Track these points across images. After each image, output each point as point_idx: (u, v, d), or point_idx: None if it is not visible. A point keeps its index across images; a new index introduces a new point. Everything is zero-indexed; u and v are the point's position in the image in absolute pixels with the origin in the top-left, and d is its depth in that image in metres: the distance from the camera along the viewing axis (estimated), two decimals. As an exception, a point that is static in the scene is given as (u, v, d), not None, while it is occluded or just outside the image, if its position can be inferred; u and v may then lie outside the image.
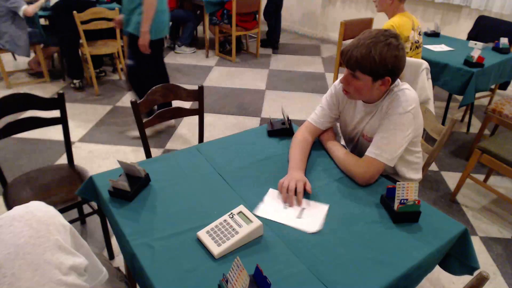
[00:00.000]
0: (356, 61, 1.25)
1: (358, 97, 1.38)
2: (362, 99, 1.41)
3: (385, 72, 1.26)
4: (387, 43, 1.23)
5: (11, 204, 1.59)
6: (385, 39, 1.23)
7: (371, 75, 1.27)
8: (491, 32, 3.43)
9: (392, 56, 1.23)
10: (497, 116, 2.68)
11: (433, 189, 2.55)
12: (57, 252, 0.66)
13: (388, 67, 1.25)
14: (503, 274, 1.92)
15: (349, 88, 1.34)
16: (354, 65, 1.26)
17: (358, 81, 1.29)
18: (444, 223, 1.18)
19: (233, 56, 4.75)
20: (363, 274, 0.98)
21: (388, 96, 1.36)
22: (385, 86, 1.31)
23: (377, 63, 1.23)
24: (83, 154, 2.78)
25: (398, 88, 1.36)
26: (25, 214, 0.67)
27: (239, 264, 0.86)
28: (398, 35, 1.26)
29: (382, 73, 1.26)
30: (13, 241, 0.63)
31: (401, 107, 1.31)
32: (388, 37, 1.24)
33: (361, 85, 1.30)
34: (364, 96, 1.37)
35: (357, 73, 1.28)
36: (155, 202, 1.22)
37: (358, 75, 1.28)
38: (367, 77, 1.27)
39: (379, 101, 1.39)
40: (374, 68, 1.24)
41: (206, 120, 3.25)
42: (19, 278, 0.61)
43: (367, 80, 1.28)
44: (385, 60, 1.23)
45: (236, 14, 4.42)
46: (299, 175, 1.30)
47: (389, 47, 1.23)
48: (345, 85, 1.35)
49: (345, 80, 1.34)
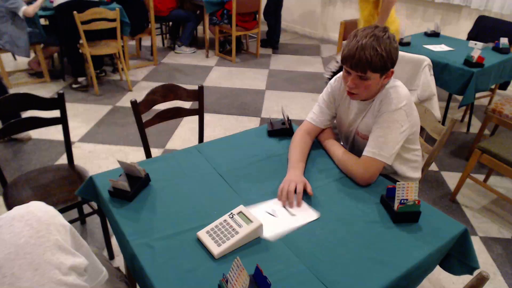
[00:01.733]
0: (367, 62, 1.25)
1: (366, 95, 1.38)
2: (368, 96, 1.40)
3: (391, 65, 1.30)
4: (387, 37, 1.26)
5: (11, 204, 1.59)
6: (383, 34, 1.26)
7: (380, 71, 1.28)
8: (491, 32, 3.43)
9: (394, 48, 1.28)
10: (497, 116, 2.68)
11: (433, 189, 2.55)
12: (57, 252, 0.66)
13: (393, 60, 1.29)
14: (503, 274, 1.92)
15: (358, 90, 1.34)
16: (365, 67, 1.26)
17: (368, 81, 1.30)
18: (444, 223, 1.18)
19: (233, 56, 4.75)
20: (363, 274, 0.98)
21: (380, 94, 1.38)
22: (388, 78, 1.34)
23: (385, 58, 1.26)
24: (83, 154, 2.78)
25: (390, 85, 1.37)
26: (25, 214, 0.68)
27: (239, 264, 0.86)
28: (387, 28, 1.29)
29: (389, 67, 1.29)
30: (13, 241, 0.63)
31: (393, 104, 1.32)
32: (383, 31, 1.27)
33: (370, 84, 1.31)
34: (372, 94, 1.38)
35: (368, 74, 1.28)
36: (155, 202, 1.22)
37: (369, 76, 1.28)
38: (376, 75, 1.29)
39: (371, 99, 1.40)
40: (384, 64, 1.27)
41: (206, 120, 3.25)
42: (19, 278, 0.61)
43: (376, 77, 1.30)
44: (391, 53, 1.27)
45: (236, 14, 4.42)
46: (298, 176, 1.30)
47: (389, 41, 1.27)
48: (353, 88, 1.34)
49: (353, 84, 1.32)
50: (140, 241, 1.06)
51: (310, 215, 1.19)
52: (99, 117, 3.32)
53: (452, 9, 4.40)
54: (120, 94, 3.77)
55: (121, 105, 3.55)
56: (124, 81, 4.07)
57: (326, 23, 5.90)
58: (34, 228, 0.65)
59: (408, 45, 3.12)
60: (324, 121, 1.55)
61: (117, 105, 3.55)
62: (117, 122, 3.25)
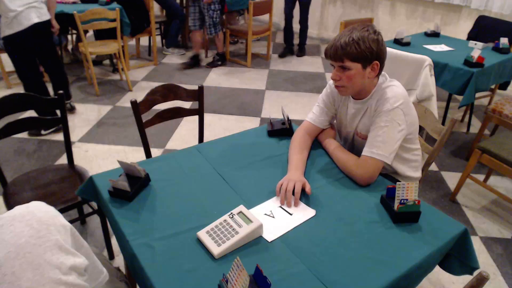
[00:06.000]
0: (341, 48, 1.28)
1: (352, 88, 1.37)
2: (356, 90, 1.39)
3: (372, 55, 1.29)
4: (365, 30, 1.29)
5: (11, 204, 1.59)
6: (362, 27, 1.30)
7: (359, 61, 1.29)
8: (491, 32, 3.43)
9: (373, 39, 1.29)
10: (497, 116, 2.68)
11: (433, 189, 2.55)
12: (58, 252, 0.66)
13: (374, 51, 1.29)
14: (503, 274, 1.92)
15: (342, 82, 1.35)
16: (340, 55, 1.29)
17: (349, 71, 1.31)
18: (444, 223, 1.18)
19: (249, 60, 4.64)
20: (363, 274, 0.98)
21: (376, 93, 1.38)
22: (374, 72, 1.34)
23: (362, 47, 1.27)
24: (83, 154, 2.78)
25: (386, 85, 1.38)
26: (26, 214, 0.68)
27: (239, 264, 0.86)
28: (373, 25, 1.33)
29: (369, 58, 1.30)
30: (14, 241, 0.63)
31: (389, 103, 1.33)
32: (365, 26, 1.30)
33: (352, 75, 1.32)
34: (358, 86, 1.37)
35: (346, 63, 1.29)
36: (155, 202, 1.22)
37: (347, 65, 1.30)
38: (357, 64, 1.30)
39: (368, 98, 1.41)
40: (360, 52, 1.28)
41: (206, 120, 3.25)
42: (19, 277, 0.61)
43: (357, 67, 1.30)
44: (368, 42, 1.28)
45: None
46: (298, 176, 1.30)
47: (368, 32, 1.29)
48: (336, 80, 1.35)
49: (335, 75, 1.35)
50: (140, 241, 1.06)
51: (307, 213, 1.19)
52: (99, 117, 3.32)
53: (452, 9, 4.41)
54: (120, 94, 3.77)
55: (121, 105, 3.55)
56: (124, 81, 4.06)
57: (326, 23, 5.90)
58: (34, 228, 0.66)
59: (408, 45, 3.12)
60: (324, 121, 1.56)
61: (117, 105, 3.55)
62: (117, 122, 3.25)
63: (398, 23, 4.97)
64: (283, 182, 1.27)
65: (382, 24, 5.13)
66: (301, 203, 1.24)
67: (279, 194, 1.25)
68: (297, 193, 1.23)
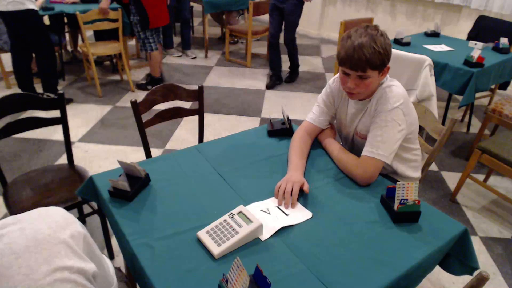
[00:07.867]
0: (366, 61, 1.26)
1: (366, 93, 1.38)
2: (369, 95, 1.40)
3: (388, 61, 1.31)
4: (380, 35, 1.28)
5: (11, 204, 1.59)
6: (376, 32, 1.28)
7: (378, 68, 1.29)
8: (491, 32, 3.43)
9: (389, 44, 1.30)
10: (497, 116, 2.68)
11: (433, 189, 2.55)
12: (69, 253, 0.70)
13: (389, 56, 1.30)
14: (503, 274, 1.92)
15: (359, 89, 1.33)
16: (364, 66, 1.27)
17: (368, 79, 1.31)
18: (444, 223, 1.18)
19: (249, 60, 4.63)
20: (363, 274, 0.98)
21: (376, 94, 1.38)
22: (384, 75, 1.35)
23: (383, 55, 1.27)
24: (83, 154, 2.78)
25: (386, 85, 1.38)
26: (45, 216, 0.74)
27: (239, 264, 0.86)
28: (377, 26, 1.31)
29: (386, 64, 1.31)
30: (33, 236, 0.68)
31: (389, 103, 1.33)
32: (375, 29, 1.29)
33: (370, 82, 1.32)
34: (372, 90, 1.38)
35: (368, 73, 1.28)
36: (155, 202, 1.22)
37: (369, 74, 1.29)
38: (375, 72, 1.30)
39: (368, 98, 1.41)
40: (381, 61, 1.28)
41: (206, 120, 3.25)
42: (34, 270, 0.65)
43: (375, 75, 1.31)
44: (386, 50, 1.28)
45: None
46: (297, 176, 1.30)
47: (383, 38, 1.28)
48: (354, 88, 1.33)
49: (354, 84, 1.32)
50: (140, 241, 1.06)
51: (303, 215, 1.18)
52: (99, 117, 3.32)
53: (452, 9, 4.41)
54: (120, 94, 3.77)
55: (121, 105, 3.55)
56: (124, 81, 4.07)
57: (326, 23, 5.90)
58: (51, 228, 0.71)
59: (408, 45, 3.12)
60: (323, 121, 1.55)
61: (117, 105, 3.55)
62: (117, 122, 3.25)
63: (398, 23, 4.97)
64: (281, 183, 1.27)
65: (382, 24, 5.13)
66: (298, 205, 1.23)
67: (277, 196, 1.25)
68: (294, 194, 1.23)
